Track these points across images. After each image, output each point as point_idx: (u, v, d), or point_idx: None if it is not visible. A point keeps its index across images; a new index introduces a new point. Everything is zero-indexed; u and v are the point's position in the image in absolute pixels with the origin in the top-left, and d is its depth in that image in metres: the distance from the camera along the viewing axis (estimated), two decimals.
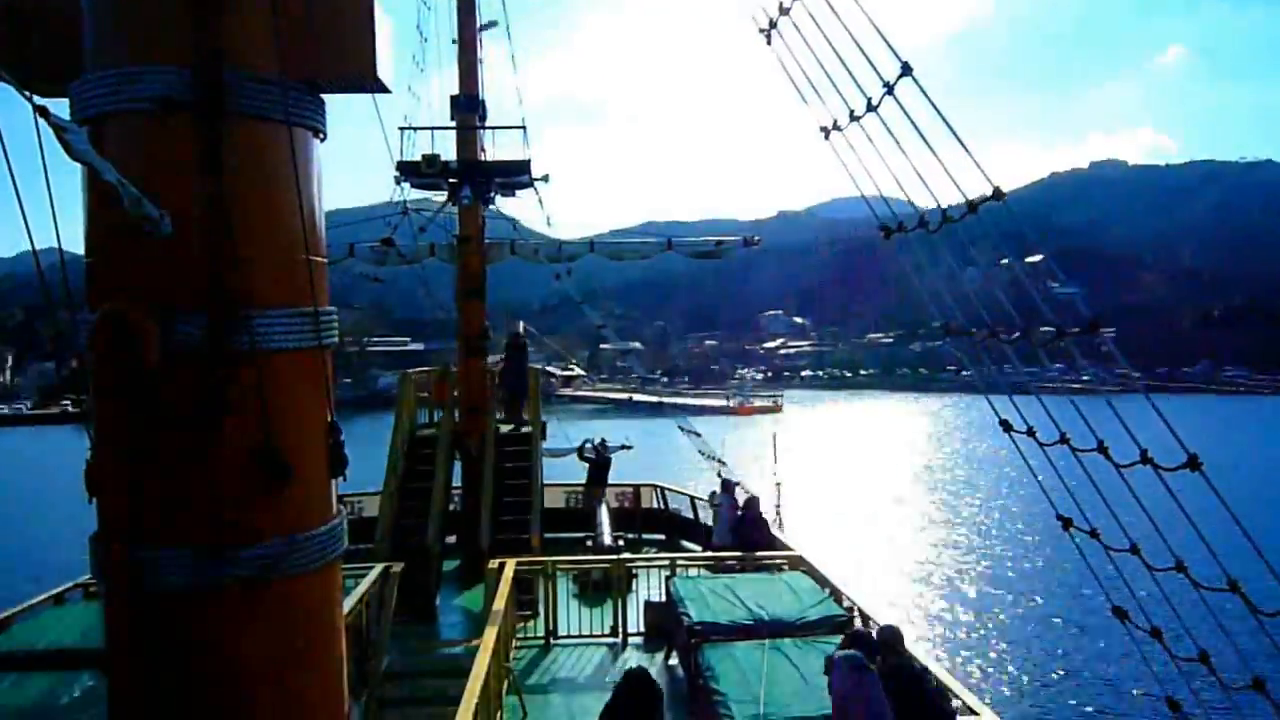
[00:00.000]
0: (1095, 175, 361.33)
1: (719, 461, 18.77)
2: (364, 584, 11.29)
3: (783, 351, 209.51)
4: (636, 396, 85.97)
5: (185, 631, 3.30)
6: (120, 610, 3.19)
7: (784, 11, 4.15)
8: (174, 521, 3.29)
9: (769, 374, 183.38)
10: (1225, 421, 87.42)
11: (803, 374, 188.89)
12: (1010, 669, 27.56)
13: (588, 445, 20.26)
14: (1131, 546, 3.79)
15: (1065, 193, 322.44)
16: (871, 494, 53.25)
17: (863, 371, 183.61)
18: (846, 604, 11.30)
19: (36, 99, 2.67)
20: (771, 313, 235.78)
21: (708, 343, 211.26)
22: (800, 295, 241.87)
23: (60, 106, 3.23)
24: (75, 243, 3.56)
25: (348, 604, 10.39)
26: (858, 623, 10.71)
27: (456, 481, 18.59)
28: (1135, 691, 24.66)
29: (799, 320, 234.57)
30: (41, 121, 2.68)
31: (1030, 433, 4.10)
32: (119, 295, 3.21)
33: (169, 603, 3.28)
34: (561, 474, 21.83)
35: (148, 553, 3.25)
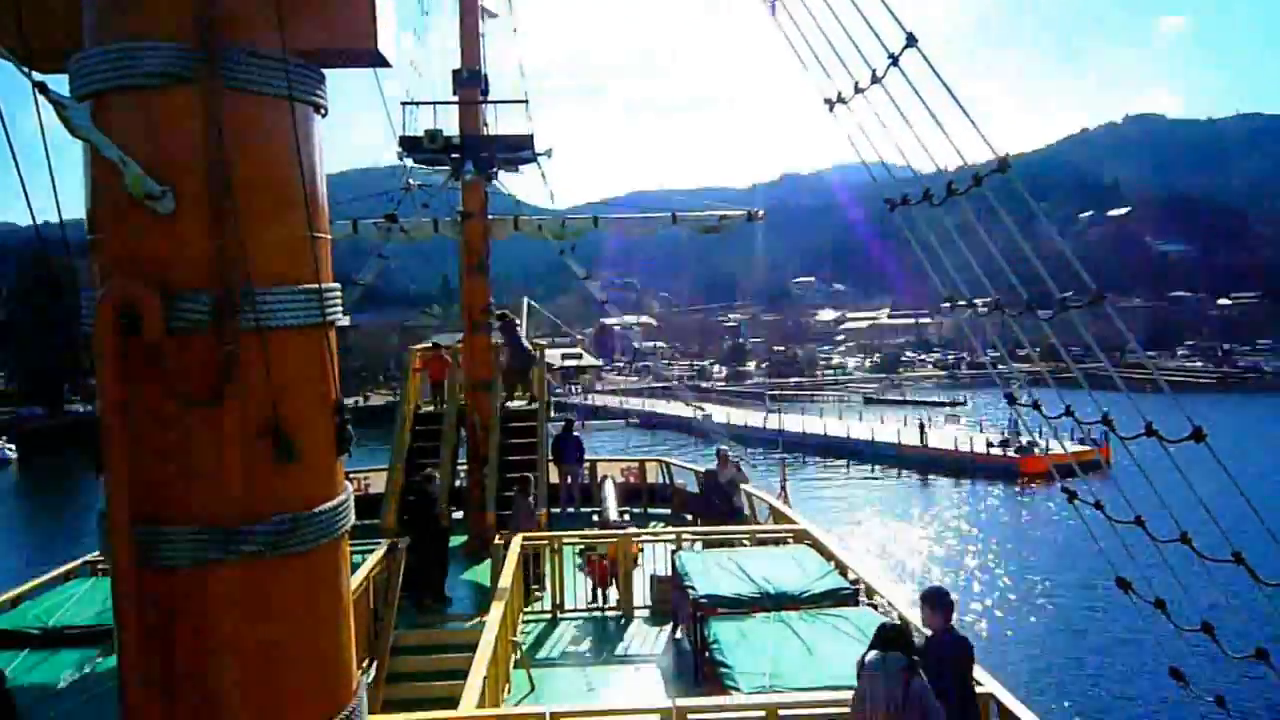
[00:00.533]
0: (1134, 130, 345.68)
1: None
2: (371, 559, 11.36)
3: (845, 326, 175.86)
4: (703, 409, 40.46)
5: (192, 608, 3.32)
6: (128, 587, 3.21)
7: None
8: (181, 499, 3.30)
9: (874, 360, 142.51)
10: None
11: (921, 360, 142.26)
12: (1011, 638, 27.71)
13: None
14: (1136, 518, 3.80)
15: (1103, 148, 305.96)
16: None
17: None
18: (852, 577, 11.34)
19: (35, 75, 2.66)
20: (804, 279, 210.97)
21: (733, 316, 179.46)
22: (825, 260, 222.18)
23: (60, 83, 3.22)
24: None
25: (355, 579, 10.45)
26: (863, 596, 10.76)
27: (462, 458, 18.68)
28: (1137, 662, 24.80)
29: (839, 287, 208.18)
30: (41, 98, 2.67)
31: (1035, 406, 4.10)
32: (122, 272, 3.21)
33: (176, 579, 3.30)
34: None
35: (154, 530, 3.27)
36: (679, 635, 11.96)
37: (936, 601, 7.32)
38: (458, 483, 18.46)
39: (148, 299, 3.12)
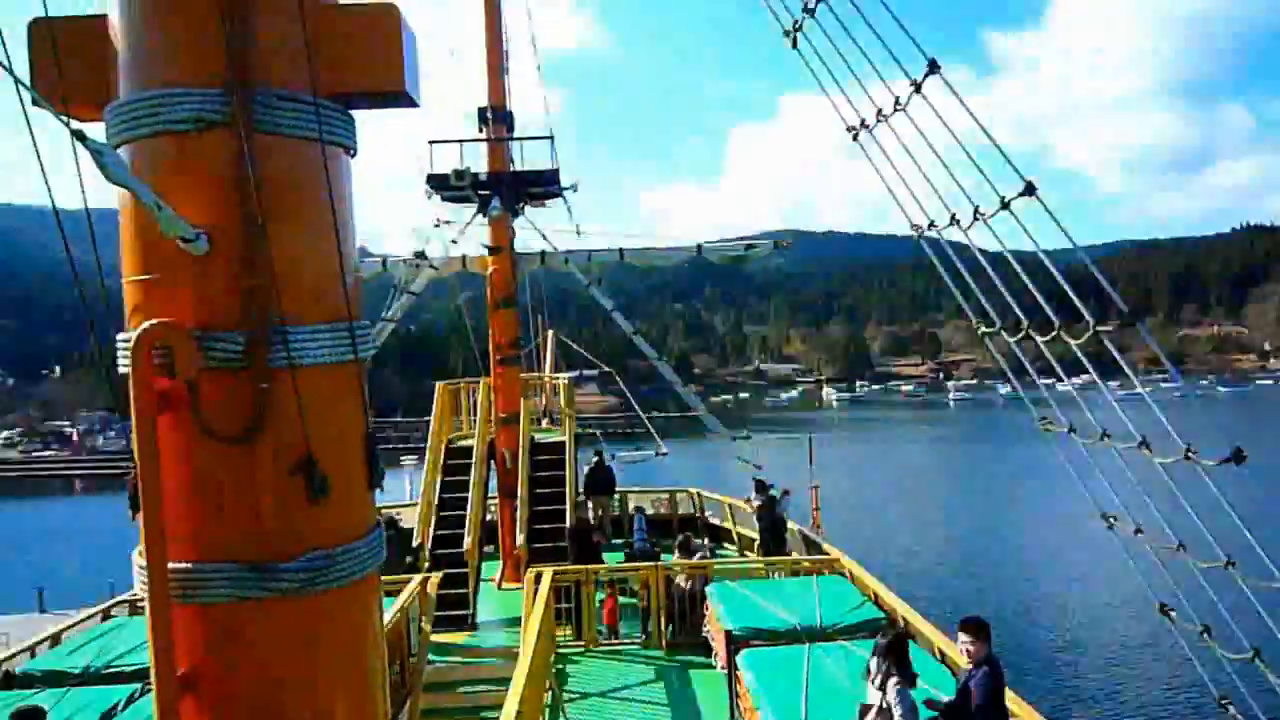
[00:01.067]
0: None
1: (755, 466, 18.66)
2: (403, 595, 11.37)
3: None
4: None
5: (227, 646, 3.34)
6: (163, 625, 3.23)
7: (809, 12, 4.13)
8: (215, 536, 3.33)
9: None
10: None
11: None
12: (1053, 664, 27.16)
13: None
14: (1178, 544, 3.73)
15: None
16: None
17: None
18: (886, 607, 11.20)
19: (73, 123, 2.72)
20: None
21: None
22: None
23: (96, 130, 3.30)
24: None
25: (387, 615, 10.46)
26: (905, 627, 10.61)
27: (492, 490, 18.69)
28: (1181, 690, 24.22)
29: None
30: (78, 145, 2.73)
31: (1071, 430, 4.04)
32: (156, 313, 3.27)
33: (211, 617, 3.32)
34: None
35: (190, 568, 3.30)
36: (715, 667, 11.84)
37: (978, 630, 7.26)
38: (488, 516, 18.46)
39: (182, 339, 3.17)
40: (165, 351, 3.21)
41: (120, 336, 3.39)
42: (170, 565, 3.25)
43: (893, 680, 7.23)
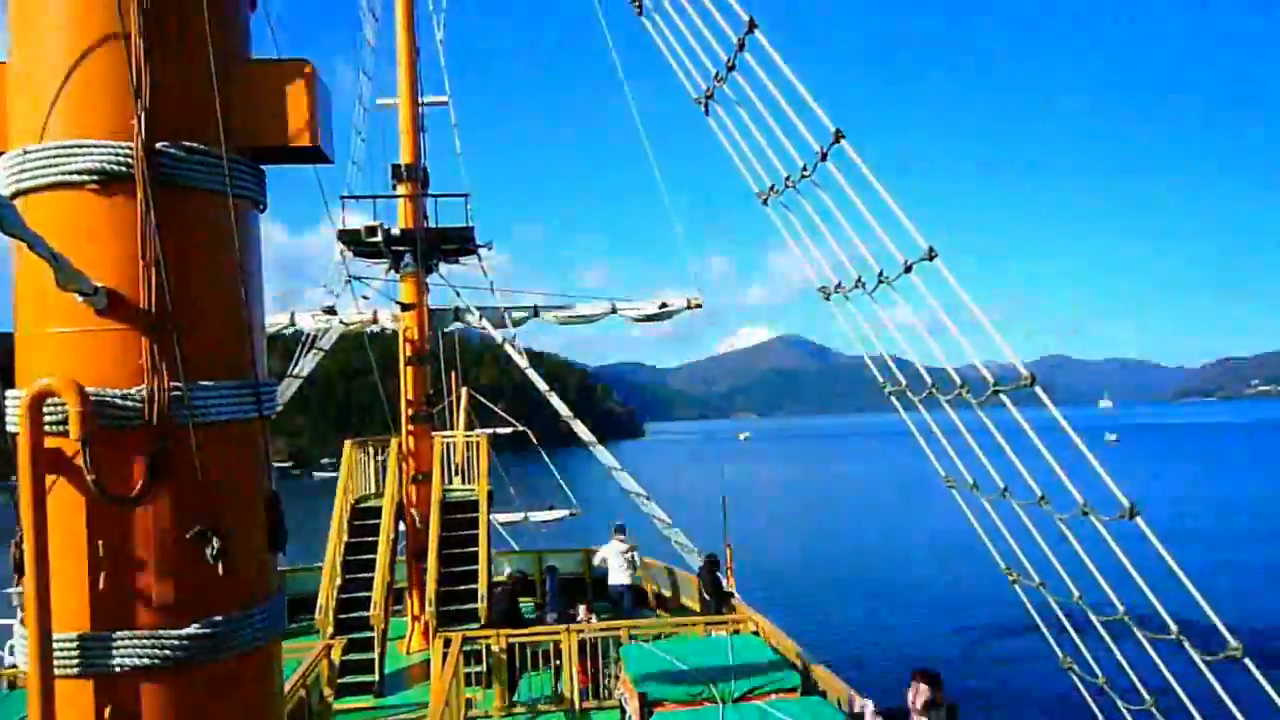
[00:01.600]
0: None
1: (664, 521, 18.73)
2: (306, 662, 10.96)
3: None
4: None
5: (116, 717, 3.17)
6: (47, 699, 3.05)
7: (719, 80, 4.26)
8: (106, 603, 3.17)
9: None
10: None
11: None
12: None
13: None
14: (1076, 597, 3.85)
15: None
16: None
17: None
18: (801, 668, 11.22)
19: None
20: None
21: None
22: None
23: None
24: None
25: (289, 683, 10.04)
26: (819, 686, 10.64)
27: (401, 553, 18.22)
28: None
29: None
30: None
31: (974, 487, 4.16)
32: (50, 370, 3.14)
33: (100, 689, 3.15)
34: (514, 541, 21.48)
35: (77, 637, 3.13)
36: None
37: (938, 680, 7.36)
38: (396, 579, 17.96)
39: (73, 397, 3.05)
40: (58, 409, 3.08)
41: (10, 394, 3.24)
42: (56, 635, 3.08)
43: None
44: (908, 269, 3.68)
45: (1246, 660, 3.09)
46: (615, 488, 20.00)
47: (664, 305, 20.06)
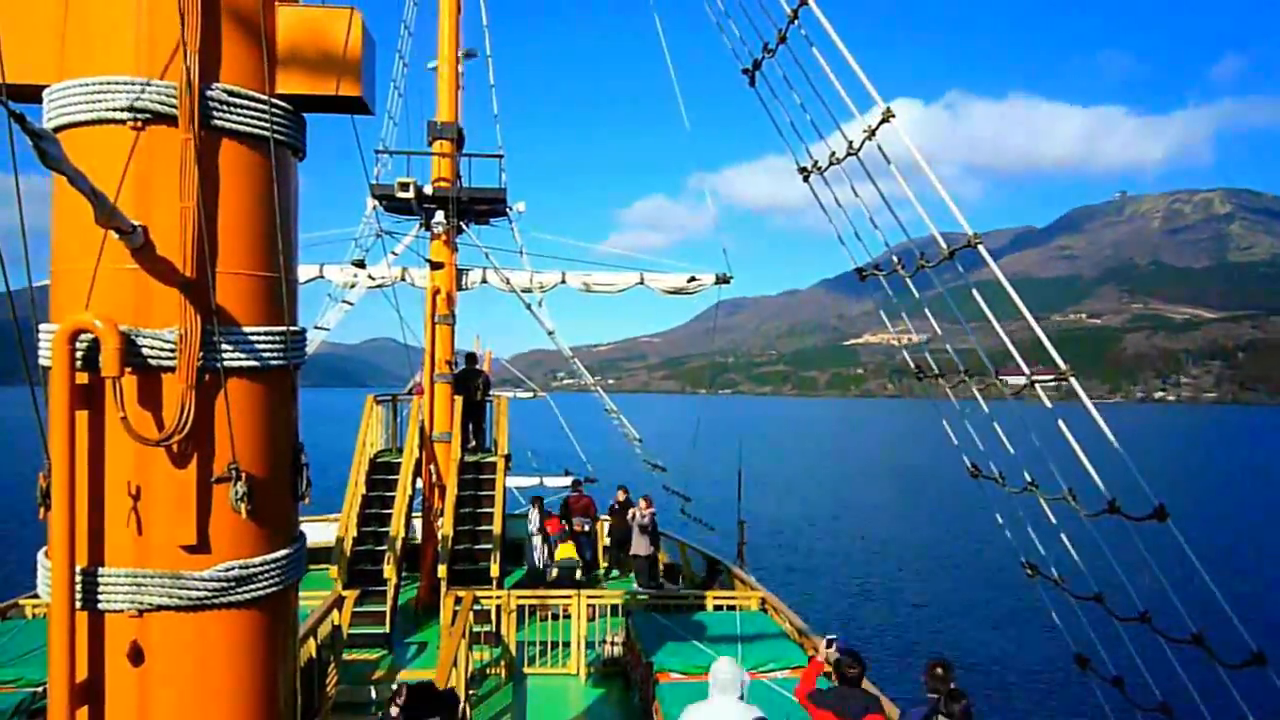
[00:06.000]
0: None
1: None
2: (319, 611, 11.08)
3: None
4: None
5: (131, 655, 3.21)
6: (65, 631, 3.09)
7: (769, 52, 4.19)
8: (129, 541, 3.20)
9: None
10: None
11: None
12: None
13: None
14: (1096, 595, 3.81)
15: None
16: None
17: None
18: (809, 645, 11.24)
19: (11, 104, 2.62)
20: None
21: None
22: None
23: (36, 114, 3.18)
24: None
25: (303, 628, 10.17)
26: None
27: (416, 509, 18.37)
28: None
29: None
30: (14, 127, 2.63)
31: (999, 479, 4.12)
32: (84, 306, 3.15)
33: (116, 625, 3.19)
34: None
35: (97, 572, 3.16)
36: (633, 699, 11.75)
37: (950, 669, 7.41)
38: (411, 536, 18.12)
39: (108, 335, 3.06)
40: (90, 346, 3.10)
41: (43, 327, 3.26)
42: (79, 569, 3.11)
43: None
44: (951, 255, 3.62)
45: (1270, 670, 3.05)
46: (635, 460, 20.08)
47: (692, 279, 19.97)
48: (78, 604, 3.14)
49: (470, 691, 11.78)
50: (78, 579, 3.13)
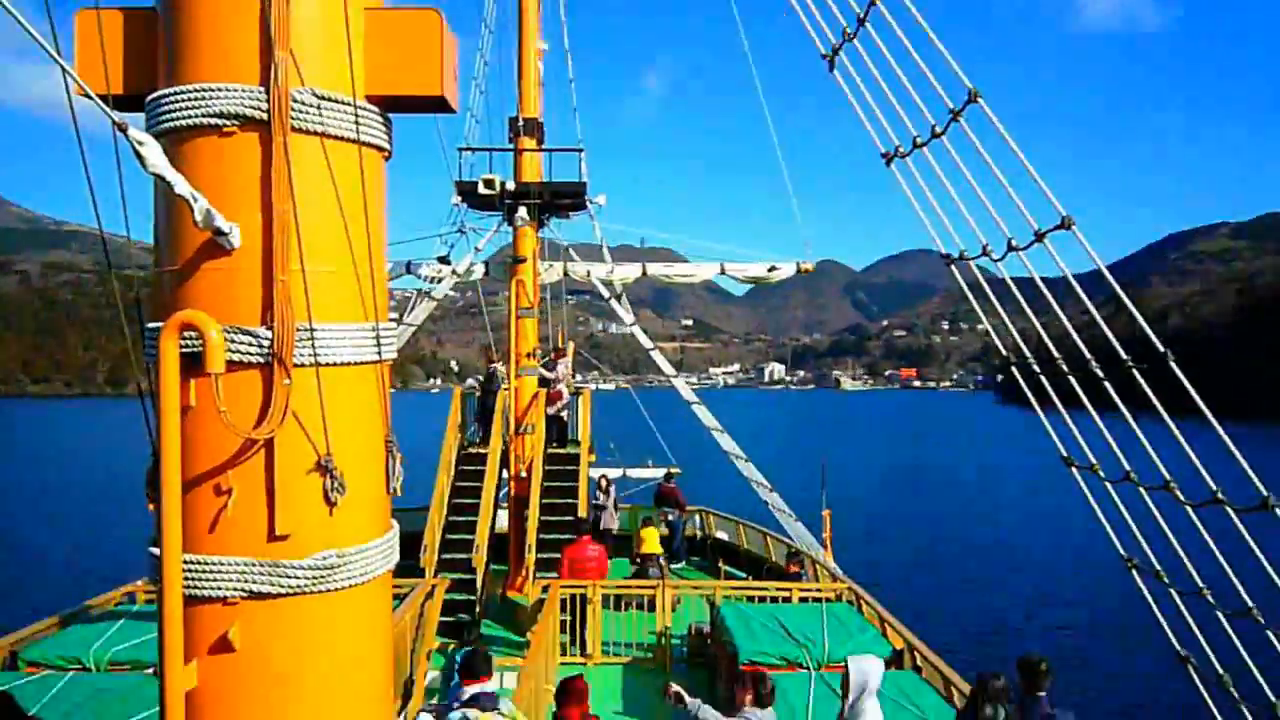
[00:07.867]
0: None
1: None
2: (410, 599, 11.35)
3: None
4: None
5: (235, 641, 3.33)
6: (174, 616, 3.22)
7: (848, 38, 4.12)
8: (230, 531, 3.33)
9: None
10: None
11: None
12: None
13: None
14: (1198, 589, 3.67)
15: None
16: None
17: None
18: (897, 639, 11.08)
19: (115, 114, 2.74)
20: None
21: None
22: None
23: (136, 122, 3.32)
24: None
25: (395, 616, 10.42)
26: (907, 659, 10.50)
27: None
28: None
29: None
30: (117, 135, 2.75)
31: (1093, 469, 3.99)
32: (186, 305, 3.28)
33: (221, 611, 3.32)
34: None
35: (203, 561, 3.29)
36: (718, 690, 11.75)
37: (1050, 669, 7.16)
38: (498, 525, 18.42)
39: (211, 332, 3.18)
40: (193, 342, 3.22)
41: (150, 325, 3.40)
42: (185, 557, 3.25)
43: None
44: (1039, 238, 3.51)
45: None
46: (714, 448, 20.01)
47: (773, 268, 19.83)
48: (184, 591, 3.27)
49: (554, 679, 11.93)
50: (184, 567, 3.27)
